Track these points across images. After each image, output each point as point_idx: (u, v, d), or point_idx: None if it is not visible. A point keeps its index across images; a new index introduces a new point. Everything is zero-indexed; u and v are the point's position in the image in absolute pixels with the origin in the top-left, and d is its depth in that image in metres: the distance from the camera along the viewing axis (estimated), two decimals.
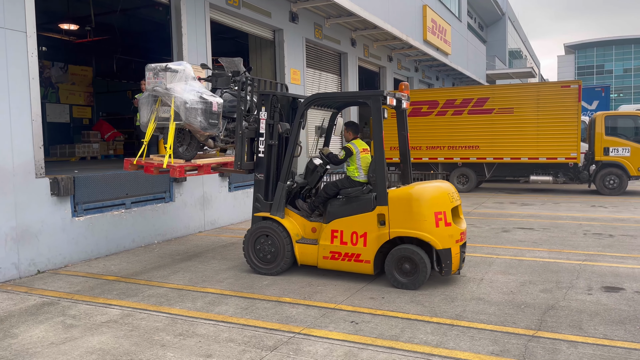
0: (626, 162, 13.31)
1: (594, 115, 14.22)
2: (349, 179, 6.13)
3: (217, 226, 9.69)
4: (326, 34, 13.74)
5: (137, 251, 7.74)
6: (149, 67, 6.16)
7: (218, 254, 7.41)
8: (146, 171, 6.48)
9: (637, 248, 7.22)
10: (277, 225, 6.11)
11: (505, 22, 46.36)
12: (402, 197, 5.55)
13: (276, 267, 6.12)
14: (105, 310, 5.06)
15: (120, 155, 15.20)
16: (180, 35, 8.93)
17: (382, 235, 5.57)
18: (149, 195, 8.31)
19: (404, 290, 5.46)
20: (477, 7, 38.40)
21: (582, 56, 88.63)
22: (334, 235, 5.82)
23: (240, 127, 6.34)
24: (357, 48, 15.63)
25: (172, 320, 4.74)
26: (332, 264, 5.89)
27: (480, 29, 41.83)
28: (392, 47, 18.25)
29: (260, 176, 6.32)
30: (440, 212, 5.41)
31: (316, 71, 13.78)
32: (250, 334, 4.36)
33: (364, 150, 6.17)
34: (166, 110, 6.14)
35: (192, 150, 6.58)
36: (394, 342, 4.10)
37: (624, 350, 3.84)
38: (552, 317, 4.57)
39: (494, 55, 40.74)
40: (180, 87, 6.04)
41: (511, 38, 50.04)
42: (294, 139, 6.12)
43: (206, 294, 5.53)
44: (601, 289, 5.36)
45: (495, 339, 4.14)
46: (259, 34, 11.47)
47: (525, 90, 14.34)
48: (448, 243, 5.40)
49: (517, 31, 55.44)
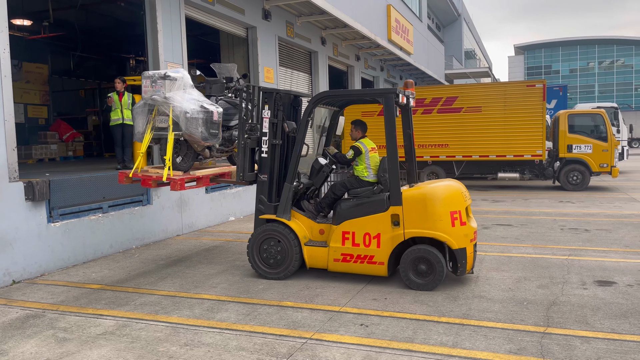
0: (588, 158, 13.83)
1: (558, 113, 14.70)
2: (357, 179, 6.01)
3: (194, 229, 9.41)
4: (297, 32, 13.61)
5: (116, 257, 7.40)
6: (146, 74, 5.83)
7: (204, 258, 7.17)
8: (144, 184, 6.10)
9: (615, 242, 7.48)
10: (284, 228, 5.89)
11: (461, 23, 47.47)
12: (417, 196, 5.45)
13: (283, 271, 5.90)
14: (97, 321, 4.78)
15: (80, 156, 14.59)
16: (155, 31, 8.61)
17: (396, 236, 5.46)
18: (127, 199, 7.96)
19: (406, 290, 5.43)
20: (435, 8, 39.11)
21: (530, 57, 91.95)
22: (345, 236, 5.66)
23: (242, 137, 6.10)
24: (327, 47, 15.57)
25: (173, 329, 4.52)
26: (344, 267, 5.73)
27: (438, 29, 42.65)
28: (360, 47, 18.30)
29: (264, 177, 6.07)
30: (455, 211, 5.36)
31: (288, 70, 13.63)
32: (260, 341, 4.21)
33: (372, 149, 6.06)
34: (164, 120, 5.84)
35: (188, 161, 6.25)
36: (410, 344, 4.04)
37: (636, 344, 3.93)
38: (557, 313, 4.64)
39: (452, 55, 41.64)
40: (180, 96, 5.75)
41: (466, 39, 51.29)
42: (302, 138, 5.91)
43: (202, 300, 5.32)
44: (595, 283, 5.50)
45: (509, 337, 4.15)
46: (233, 31, 11.23)
47: (493, 89, 14.67)
48: (463, 242, 5.35)
49: (472, 32, 56.91)
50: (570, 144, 13.97)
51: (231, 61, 12.09)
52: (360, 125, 6.27)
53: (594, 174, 13.99)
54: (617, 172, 13.87)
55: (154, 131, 5.93)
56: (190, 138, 5.88)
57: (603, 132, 13.92)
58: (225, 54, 12.18)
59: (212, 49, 16.10)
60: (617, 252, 6.86)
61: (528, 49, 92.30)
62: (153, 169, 6.38)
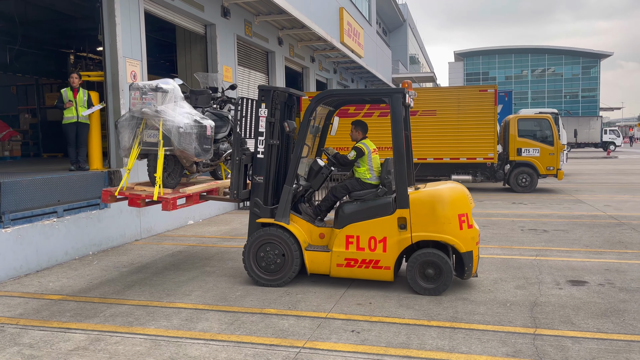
0: (536, 161, 14.40)
1: (507, 118, 15.23)
2: (359, 181, 5.83)
3: (153, 233, 8.97)
4: (255, 32, 13.35)
5: (72, 264, 6.90)
6: (135, 85, 5.40)
7: (170, 265, 6.82)
8: (131, 204, 5.61)
9: (575, 242, 7.77)
10: (283, 232, 5.62)
11: (406, 29, 48.58)
12: (425, 199, 5.34)
13: (283, 277, 5.62)
14: (65, 335, 4.40)
15: (17, 157, 13.68)
16: (113, 25, 8.12)
17: (403, 239, 5.31)
18: (83, 202, 7.46)
19: (388, 293, 5.36)
20: (381, 13, 39.77)
21: (469, 63, 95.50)
22: (349, 241, 5.45)
23: (238, 153, 5.80)
24: (284, 47, 15.39)
25: (153, 342, 4.22)
26: (347, 272, 5.51)
27: (384, 33, 43.39)
28: (315, 48, 18.23)
29: (260, 179, 5.77)
30: (463, 214, 5.28)
31: (246, 69, 13.34)
32: (251, 352, 4.00)
33: (374, 150, 5.91)
34: (153, 135, 5.44)
35: (176, 177, 5.87)
36: (407, 350, 3.96)
37: (624, 343, 4.03)
38: (541, 314, 4.71)
39: (398, 59, 42.47)
40: (172, 109, 5.37)
41: (410, 44, 52.51)
42: (302, 138, 5.65)
43: (178, 309, 5.02)
44: (568, 283, 5.65)
45: (502, 339, 4.16)
46: (191, 28, 10.83)
47: (447, 93, 14.99)
48: (470, 246, 5.28)
49: (416, 37, 58.34)
50: (519, 148, 14.49)
51: (188, 58, 11.68)
52: (361, 125, 6.08)
53: (541, 177, 14.60)
54: (562, 175, 14.54)
55: (141, 146, 5.50)
56: (182, 154, 5.51)
57: (549, 136, 14.54)
58: (181, 51, 11.74)
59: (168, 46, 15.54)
60: (580, 252, 7.12)
61: (467, 56, 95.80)
62: (139, 187, 5.89)
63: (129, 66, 8.45)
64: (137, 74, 8.66)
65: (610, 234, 8.27)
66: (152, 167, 5.70)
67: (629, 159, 30.91)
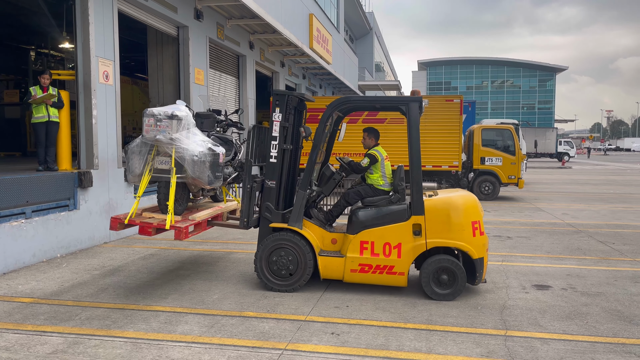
0: (499, 170, 14.92)
1: (472, 127, 15.71)
2: (372, 187, 5.90)
3: (123, 236, 8.84)
4: (227, 35, 13.33)
5: (40, 267, 6.74)
6: (150, 112, 5.29)
7: (142, 267, 6.76)
8: (142, 232, 5.41)
9: (537, 248, 8.12)
10: (296, 237, 5.61)
11: (372, 37, 49.27)
12: (440, 206, 5.44)
13: (296, 282, 5.61)
14: (42, 339, 4.32)
15: None
16: (86, 24, 7.99)
17: (418, 246, 5.40)
18: (52, 203, 7.30)
19: (364, 296, 5.49)
20: (349, 21, 40.23)
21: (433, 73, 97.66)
22: (363, 246, 5.50)
23: (249, 181, 5.78)
24: (255, 51, 15.41)
25: (133, 345, 4.21)
26: (362, 278, 5.56)
27: (351, 41, 43.88)
28: (285, 53, 18.32)
29: (272, 184, 5.73)
30: (476, 221, 5.40)
31: (217, 72, 13.29)
32: (233, 354, 4.04)
33: (386, 157, 5.99)
34: (165, 162, 5.35)
35: (183, 203, 5.76)
36: (386, 352, 4.10)
37: (588, 344, 4.28)
38: (510, 317, 4.94)
39: (364, 67, 42.99)
40: (186, 137, 5.29)
41: (376, 52, 53.27)
42: (318, 143, 5.65)
43: (156, 312, 5.01)
44: (534, 288, 5.92)
45: (476, 340, 4.35)
46: (164, 29, 10.74)
47: None
48: (482, 252, 5.40)
49: (382, 46, 59.22)
50: (483, 157, 14.98)
51: (160, 60, 11.58)
52: (374, 132, 6.14)
53: (503, 185, 15.12)
54: (523, 184, 15.11)
55: (152, 173, 5.40)
56: (195, 182, 5.44)
57: (511, 146, 15.09)
58: (153, 52, 11.62)
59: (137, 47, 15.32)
60: (542, 258, 7.45)
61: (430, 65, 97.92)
62: (147, 213, 5.73)
63: (102, 66, 8.33)
64: (110, 74, 8.54)
65: (570, 241, 8.67)
66: (162, 194, 5.60)
67: (582, 170, 32.28)
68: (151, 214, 5.72)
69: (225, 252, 7.71)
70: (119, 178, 8.77)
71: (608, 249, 8.04)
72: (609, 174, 27.38)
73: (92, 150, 8.15)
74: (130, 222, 5.47)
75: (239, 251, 7.76)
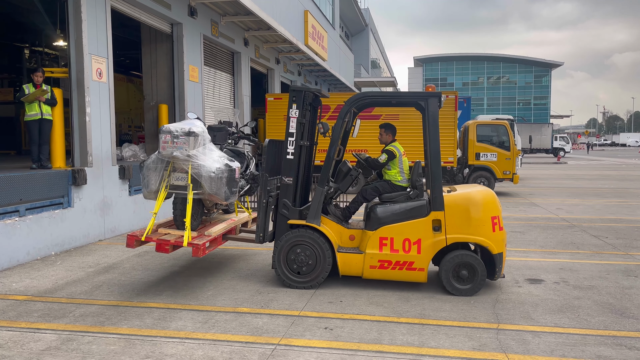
0: (494, 166, 14.96)
1: (467, 123, 15.74)
2: (390, 183, 5.90)
3: (117, 233, 8.83)
4: (222, 32, 13.31)
5: (34, 265, 6.74)
6: (166, 128, 5.26)
7: (137, 265, 6.76)
8: (159, 249, 5.35)
9: (531, 243, 8.16)
10: (315, 234, 5.59)
11: (368, 33, 49.23)
12: (460, 202, 5.44)
13: (314, 279, 5.60)
14: (36, 335, 4.33)
15: None
16: (79, 21, 7.97)
17: (438, 241, 5.40)
18: (46, 201, 7.29)
19: (358, 292, 5.52)
20: (344, 17, 40.18)
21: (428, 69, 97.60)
22: (382, 243, 5.49)
23: (265, 196, 5.76)
24: (250, 48, 15.39)
25: (127, 341, 4.22)
26: (380, 274, 5.55)
27: (347, 37, 43.84)
28: (280, 50, 18.30)
29: (289, 180, 5.72)
30: (495, 216, 5.41)
31: (212, 69, 13.27)
32: (227, 349, 4.06)
33: (404, 153, 5.98)
34: (181, 178, 5.35)
35: (198, 218, 5.73)
36: (379, 346, 4.12)
37: (579, 337, 4.32)
38: (503, 310, 4.97)
39: (360, 64, 42.98)
40: (202, 153, 5.28)
41: (372, 48, 53.25)
42: (336, 139, 5.64)
43: (150, 309, 5.02)
44: (527, 282, 5.96)
45: (468, 334, 4.37)
46: (158, 26, 10.71)
47: None
48: (501, 247, 5.40)
49: (377, 42, 59.19)
50: (478, 152, 15.02)
51: (153, 57, 11.55)
52: (391, 129, 6.14)
53: (498, 180, 15.16)
54: (518, 179, 15.15)
55: (169, 189, 5.39)
56: (211, 198, 5.43)
57: (506, 141, 15.13)
58: (147, 50, 11.58)
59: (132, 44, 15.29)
60: (536, 252, 7.49)
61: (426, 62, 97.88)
62: (163, 229, 5.69)
63: (95, 63, 8.31)
64: (103, 72, 8.52)
65: (563, 236, 8.72)
66: (178, 210, 5.60)
67: (577, 165, 32.39)
68: (167, 229, 5.68)
69: (219, 249, 7.72)
70: (113, 176, 8.77)
71: (601, 243, 8.09)
72: (604, 169, 27.49)
73: (85, 148, 8.14)
74: (147, 239, 5.40)
75: (233, 247, 7.77)
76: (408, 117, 14.74)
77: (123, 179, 8.99)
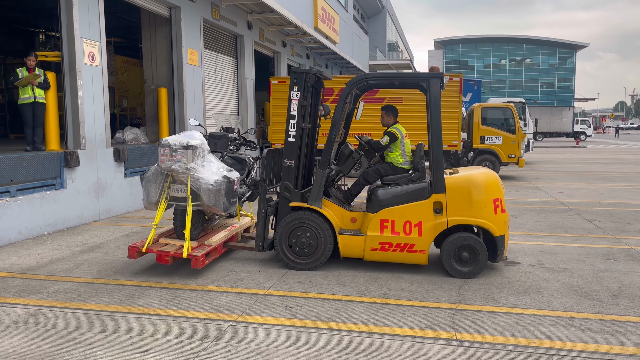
0: (499, 149, 14.76)
1: (472, 106, 15.53)
2: (391, 166, 5.92)
3: (112, 215, 9.05)
4: (223, 15, 13.33)
5: (25, 244, 6.97)
6: (165, 142, 5.35)
7: (123, 244, 6.94)
8: (160, 260, 5.43)
9: (520, 226, 8.09)
10: (316, 216, 5.63)
11: (385, 15, 48.57)
12: (462, 184, 5.42)
13: (316, 261, 5.64)
14: (6, 310, 4.52)
15: None
16: (70, 4, 8.09)
17: (439, 224, 5.40)
18: (38, 182, 7.50)
19: (329, 272, 5.58)
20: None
21: (449, 52, 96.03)
22: (383, 225, 5.50)
23: (264, 205, 5.81)
24: (253, 31, 15.39)
25: (91, 316, 4.37)
26: (381, 256, 5.58)
27: (363, 20, 43.37)
28: (286, 33, 18.25)
29: (290, 163, 5.76)
30: (497, 198, 5.38)
31: (213, 52, 13.33)
32: (183, 325, 4.17)
33: (406, 135, 5.98)
34: (180, 190, 5.46)
35: (198, 227, 5.84)
36: (333, 324, 4.19)
37: (535, 317, 4.31)
38: (468, 291, 4.98)
39: (375, 46, 42.55)
40: (201, 166, 5.38)
41: (389, 31, 52.59)
42: (337, 121, 5.64)
43: (122, 286, 5.17)
44: (501, 264, 5.94)
45: (424, 314, 4.41)
46: (155, 10, 10.79)
47: None
48: (503, 230, 5.38)
49: (395, 25, 58.39)
50: (483, 136, 14.83)
51: (153, 41, 11.65)
52: (392, 110, 6.12)
53: (503, 164, 14.97)
54: (523, 163, 14.95)
55: (168, 201, 5.51)
56: (210, 209, 5.53)
57: (512, 125, 14.89)
58: (146, 34, 11.69)
59: (132, 28, 15.41)
60: (522, 235, 7.44)
61: (447, 44, 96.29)
62: (164, 239, 5.80)
63: (87, 47, 8.44)
64: (96, 56, 8.66)
65: (555, 219, 8.62)
66: (178, 221, 5.71)
67: (596, 149, 31.71)
68: (168, 239, 5.79)
69: None
70: (107, 158, 8.95)
71: (592, 227, 7.98)
72: (622, 153, 26.87)
73: (78, 131, 8.31)
74: (148, 250, 5.51)
75: None
76: (412, 100, 14.63)
77: (118, 161, 9.17)
